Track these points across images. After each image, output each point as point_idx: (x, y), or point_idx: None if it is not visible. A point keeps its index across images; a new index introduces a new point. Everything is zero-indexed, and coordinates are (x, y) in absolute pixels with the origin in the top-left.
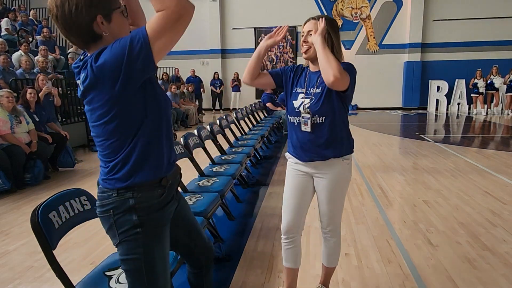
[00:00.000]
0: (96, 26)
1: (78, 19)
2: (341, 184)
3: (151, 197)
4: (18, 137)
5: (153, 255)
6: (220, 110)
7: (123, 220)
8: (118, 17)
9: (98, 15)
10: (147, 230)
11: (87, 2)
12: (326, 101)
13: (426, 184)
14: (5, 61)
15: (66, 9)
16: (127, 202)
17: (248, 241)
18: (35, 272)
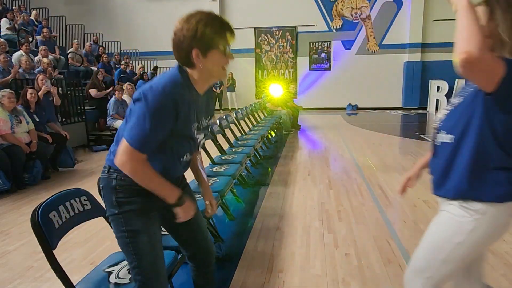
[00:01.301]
0: (192, 57)
1: (181, 47)
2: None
3: (133, 183)
4: (18, 137)
5: (136, 239)
6: (220, 110)
7: (108, 198)
8: (215, 55)
9: (195, 49)
10: (125, 213)
11: (190, 37)
12: (461, 110)
13: (426, 184)
14: (5, 61)
15: (176, 37)
16: (111, 182)
17: (248, 241)
18: (35, 272)
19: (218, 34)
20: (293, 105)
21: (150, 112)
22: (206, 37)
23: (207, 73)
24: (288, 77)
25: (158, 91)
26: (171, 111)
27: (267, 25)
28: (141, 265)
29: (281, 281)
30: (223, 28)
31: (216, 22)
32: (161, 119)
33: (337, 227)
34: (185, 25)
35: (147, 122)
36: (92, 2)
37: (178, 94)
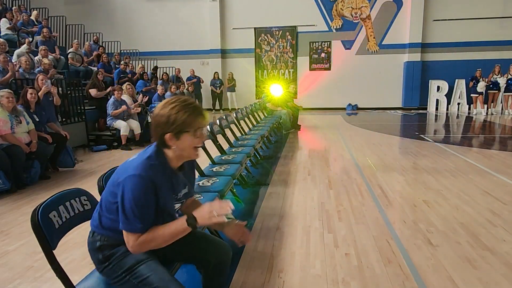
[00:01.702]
0: (166, 140)
1: (156, 131)
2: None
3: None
4: (18, 137)
5: (136, 272)
6: (220, 110)
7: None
8: (186, 137)
9: (169, 134)
10: (114, 260)
11: (163, 123)
12: None
13: (426, 184)
14: (5, 61)
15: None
16: (96, 244)
17: None
18: (35, 272)
19: (189, 120)
20: (293, 105)
21: (134, 200)
22: (177, 123)
23: (180, 153)
24: (288, 77)
25: (136, 178)
26: (152, 190)
27: (267, 25)
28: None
29: (281, 281)
30: (194, 114)
31: (188, 108)
32: (146, 200)
33: (337, 227)
34: (160, 111)
35: (135, 209)
36: (92, 2)
37: (154, 176)
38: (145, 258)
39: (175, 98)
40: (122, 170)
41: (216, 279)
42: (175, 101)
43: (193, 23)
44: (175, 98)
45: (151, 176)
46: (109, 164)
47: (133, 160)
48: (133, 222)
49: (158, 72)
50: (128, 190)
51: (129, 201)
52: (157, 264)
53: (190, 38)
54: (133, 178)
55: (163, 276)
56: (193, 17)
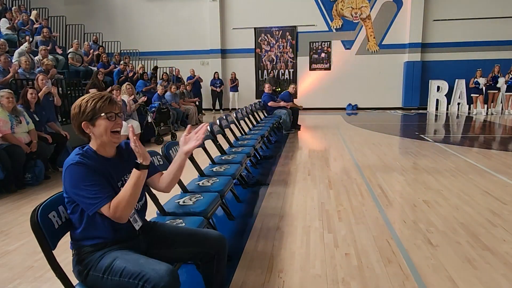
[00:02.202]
0: (85, 129)
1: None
2: None
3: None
4: (18, 137)
5: (114, 268)
6: (220, 110)
7: (78, 273)
8: (100, 122)
9: (84, 122)
10: (91, 266)
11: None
12: None
13: (426, 184)
14: (5, 61)
15: (71, 116)
16: (74, 260)
17: (248, 241)
18: (35, 272)
19: (99, 105)
20: (293, 105)
21: (81, 183)
22: (88, 110)
23: (100, 139)
24: (288, 77)
25: (70, 168)
26: (91, 171)
27: (267, 25)
28: (138, 276)
29: (281, 281)
30: (102, 100)
31: (96, 96)
32: (91, 179)
33: (337, 227)
34: (74, 106)
35: (86, 189)
36: (92, 2)
37: (85, 161)
38: (119, 255)
39: (87, 94)
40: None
41: (216, 270)
42: (87, 95)
43: (193, 23)
44: (87, 94)
45: (82, 161)
46: None
47: (66, 160)
48: (96, 198)
49: (158, 72)
50: (72, 180)
51: (78, 187)
52: (130, 255)
53: (190, 38)
54: (68, 169)
55: (137, 261)
56: (193, 17)
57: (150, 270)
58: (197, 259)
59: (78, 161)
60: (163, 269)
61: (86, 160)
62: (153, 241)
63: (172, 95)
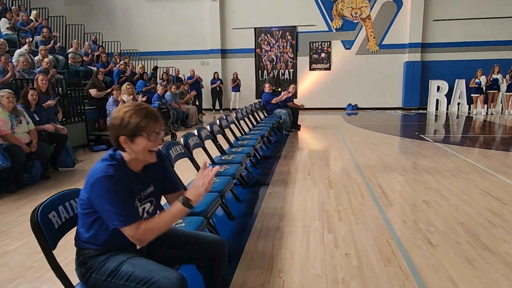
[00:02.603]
0: (122, 142)
1: (111, 134)
2: None
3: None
4: (18, 137)
5: (120, 272)
6: (220, 110)
7: (80, 273)
8: (141, 140)
9: (123, 136)
10: (96, 268)
11: (117, 125)
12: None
13: (426, 184)
14: (5, 61)
15: (110, 125)
16: (79, 258)
17: (248, 241)
18: (35, 272)
19: (143, 123)
20: (293, 105)
21: (112, 197)
22: (130, 126)
23: (135, 156)
24: (288, 77)
25: (101, 179)
26: (121, 185)
27: (267, 25)
28: (147, 283)
29: (281, 281)
30: (147, 118)
31: (141, 112)
32: (121, 194)
33: (337, 227)
34: (115, 115)
35: (116, 204)
36: (92, 2)
37: (115, 174)
38: (125, 259)
39: (130, 102)
40: (86, 181)
41: (217, 273)
42: (130, 105)
43: (193, 23)
44: (131, 102)
45: (114, 175)
46: None
47: (94, 166)
48: (125, 216)
49: (158, 72)
50: (101, 192)
51: (107, 200)
52: (138, 259)
53: (190, 38)
54: (99, 180)
55: (147, 267)
56: (193, 17)
57: (161, 277)
58: (197, 262)
59: (111, 174)
60: (174, 277)
61: (118, 173)
62: (153, 243)
63: (172, 95)
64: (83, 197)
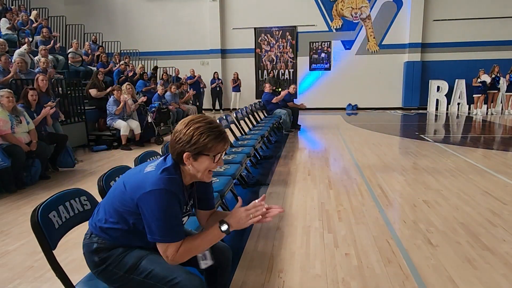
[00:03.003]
0: (183, 158)
1: (175, 147)
2: None
3: (113, 244)
4: (18, 137)
5: (140, 268)
6: (220, 110)
7: (91, 261)
8: (204, 160)
9: (187, 153)
10: (113, 262)
11: (185, 141)
12: None
13: (426, 184)
14: (6, 61)
15: (175, 137)
16: (92, 246)
17: (248, 241)
18: (35, 272)
19: (211, 144)
20: (293, 105)
21: (166, 213)
22: (199, 144)
23: (194, 174)
24: (288, 77)
25: (162, 192)
26: (177, 202)
27: (267, 25)
28: (169, 282)
29: (281, 281)
30: (218, 139)
31: (213, 132)
32: (175, 211)
33: (337, 227)
34: (184, 128)
35: (168, 221)
36: (92, 2)
37: (176, 190)
38: (145, 254)
39: (201, 117)
40: (138, 183)
41: (219, 281)
42: (201, 121)
43: (193, 23)
44: (201, 117)
45: (174, 190)
46: (109, 164)
47: (151, 173)
48: (171, 234)
49: (158, 72)
50: (157, 204)
51: (160, 214)
52: (158, 256)
53: (190, 38)
54: (159, 192)
55: (168, 265)
56: (193, 17)
57: (184, 278)
58: (198, 267)
59: (172, 190)
60: (198, 280)
61: (175, 187)
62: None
63: (172, 95)
64: (127, 195)
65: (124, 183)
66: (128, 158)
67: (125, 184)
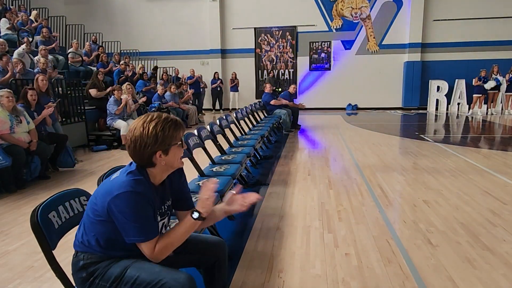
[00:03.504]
0: (155, 158)
1: (143, 153)
2: None
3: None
4: (18, 137)
5: (125, 278)
6: (220, 110)
7: (78, 278)
8: (174, 150)
9: (158, 151)
10: (99, 275)
11: (152, 142)
12: None
13: (426, 184)
14: (7, 62)
15: (137, 145)
16: (79, 263)
17: (248, 241)
18: (35, 272)
19: (176, 133)
20: (294, 105)
21: (136, 214)
22: (165, 139)
23: (169, 166)
24: (288, 77)
25: (128, 194)
26: (147, 202)
27: (267, 25)
28: (155, 285)
29: (281, 281)
30: (177, 127)
31: (171, 123)
32: (145, 211)
33: (337, 227)
34: (143, 133)
35: (139, 220)
36: (92, 2)
37: (144, 191)
38: (130, 263)
39: (149, 115)
40: (106, 190)
41: (217, 276)
42: (155, 118)
43: (193, 23)
44: (150, 115)
45: (141, 191)
46: (109, 164)
47: (117, 178)
48: (145, 232)
49: (158, 72)
50: (126, 206)
51: (130, 216)
52: (143, 263)
53: (190, 38)
54: (125, 195)
55: (153, 269)
56: (193, 17)
57: (169, 278)
58: (198, 266)
59: (139, 191)
60: (183, 277)
61: (145, 189)
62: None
63: (172, 95)
64: (98, 205)
65: (95, 194)
66: (128, 158)
67: (95, 194)
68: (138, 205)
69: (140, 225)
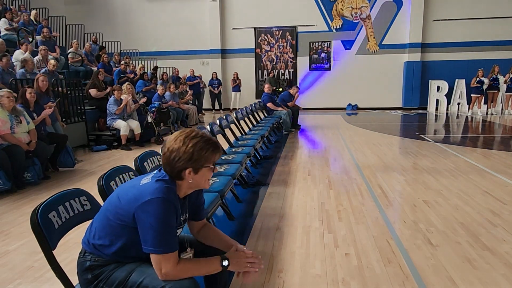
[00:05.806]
0: (184, 174)
1: (175, 165)
2: None
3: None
4: (18, 137)
5: (129, 282)
6: (220, 110)
7: (84, 279)
8: (204, 171)
9: (189, 169)
10: (104, 278)
11: (186, 158)
12: None
13: (426, 184)
14: (7, 63)
15: (172, 155)
16: (85, 264)
17: (248, 241)
18: (35, 272)
19: (211, 156)
20: (294, 105)
21: (164, 223)
22: (201, 160)
23: (195, 185)
24: (288, 77)
25: (161, 201)
26: (174, 213)
27: (267, 25)
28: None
29: (281, 281)
30: (215, 150)
31: (210, 145)
32: (172, 221)
33: (337, 227)
34: (182, 147)
35: (166, 230)
36: (92, 2)
37: (174, 200)
38: (135, 267)
39: (193, 132)
40: (135, 195)
41: (219, 279)
42: (195, 136)
43: (193, 23)
44: (194, 132)
45: (172, 199)
46: (109, 164)
47: (148, 184)
48: (165, 244)
49: (158, 72)
50: (155, 213)
51: (157, 224)
52: (147, 267)
53: (190, 38)
54: (158, 201)
55: (157, 275)
56: (193, 17)
57: (174, 283)
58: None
59: (170, 199)
60: (187, 282)
61: (172, 196)
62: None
63: (172, 95)
64: (124, 209)
65: (118, 196)
66: (128, 158)
67: (120, 198)
68: (166, 213)
69: (162, 236)
